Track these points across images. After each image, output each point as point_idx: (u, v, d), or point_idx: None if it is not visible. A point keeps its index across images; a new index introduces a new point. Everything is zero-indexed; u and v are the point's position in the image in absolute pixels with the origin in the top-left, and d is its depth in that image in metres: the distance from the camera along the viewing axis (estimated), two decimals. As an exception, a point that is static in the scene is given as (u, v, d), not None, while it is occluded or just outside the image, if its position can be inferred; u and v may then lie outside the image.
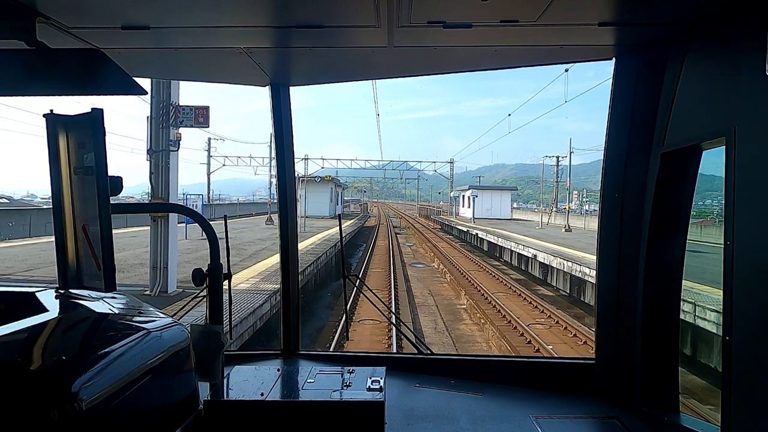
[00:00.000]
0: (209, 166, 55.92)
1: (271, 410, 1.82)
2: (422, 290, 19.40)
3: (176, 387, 1.66)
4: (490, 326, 13.52)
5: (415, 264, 27.14)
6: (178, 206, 3.20)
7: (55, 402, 1.10)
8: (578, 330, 12.75)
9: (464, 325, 14.47)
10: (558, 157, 57.77)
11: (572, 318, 14.32)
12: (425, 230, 52.87)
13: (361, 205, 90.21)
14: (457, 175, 63.36)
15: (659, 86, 2.14)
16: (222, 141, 54.69)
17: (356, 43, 2.20)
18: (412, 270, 24.90)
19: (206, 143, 55.36)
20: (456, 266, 24.99)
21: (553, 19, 1.87)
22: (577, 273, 17.13)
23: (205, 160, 55.58)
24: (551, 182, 62.66)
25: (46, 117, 1.69)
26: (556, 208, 59.06)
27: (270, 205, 30.58)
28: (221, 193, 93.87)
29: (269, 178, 36.25)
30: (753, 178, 1.56)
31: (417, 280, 21.64)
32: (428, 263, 27.78)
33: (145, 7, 1.81)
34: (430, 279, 22.25)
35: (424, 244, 37.23)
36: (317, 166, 55.84)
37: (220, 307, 2.10)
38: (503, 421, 2.22)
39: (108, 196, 1.57)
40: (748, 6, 1.60)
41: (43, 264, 13.43)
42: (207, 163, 55.99)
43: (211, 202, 51.88)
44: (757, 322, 1.53)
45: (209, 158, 56.03)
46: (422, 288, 19.85)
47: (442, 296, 18.46)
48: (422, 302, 17.32)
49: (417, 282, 21.21)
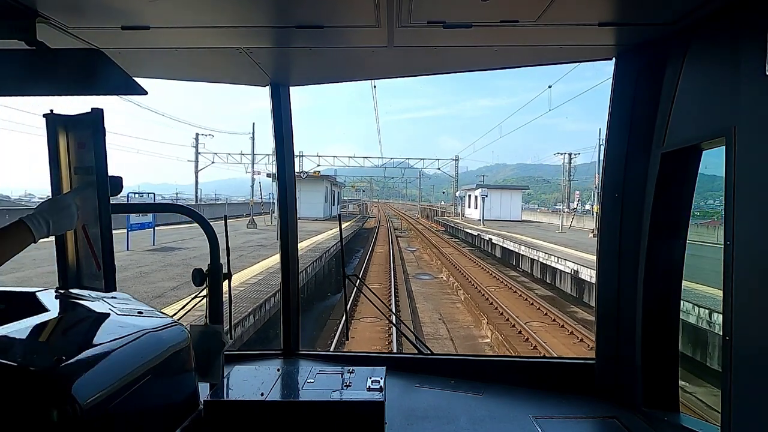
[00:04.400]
0: (197, 163, 52.63)
1: (271, 410, 1.80)
2: (431, 314, 15.40)
3: (176, 387, 1.65)
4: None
5: (419, 275, 23.08)
6: (177, 206, 2.80)
7: (54, 402, 1.10)
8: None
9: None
10: (570, 155, 53.89)
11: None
12: (428, 233, 48.59)
13: (359, 206, 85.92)
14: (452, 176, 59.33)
15: (659, 86, 2.13)
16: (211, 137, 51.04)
17: (356, 43, 2.20)
18: (416, 283, 20.87)
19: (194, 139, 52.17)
20: (469, 279, 20.94)
21: (553, 19, 1.86)
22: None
23: (193, 158, 52.49)
24: (554, 182, 58.58)
25: (46, 117, 1.68)
26: (567, 209, 55.25)
27: (252, 205, 26.67)
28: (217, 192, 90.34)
29: (251, 175, 32.52)
30: (753, 178, 1.55)
31: (423, 298, 17.63)
32: (435, 274, 23.73)
33: (145, 7, 1.80)
34: (439, 296, 18.22)
35: (429, 249, 33.03)
36: (313, 163, 52.31)
37: (220, 307, 2.09)
38: (503, 421, 2.23)
39: (108, 196, 1.58)
40: (748, 6, 1.60)
41: (27, 266, 11.57)
42: (195, 160, 52.75)
43: (199, 203, 48.84)
44: (757, 322, 1.53)
45: (197, 155, 52.63)
46: (430, 311, 15.84)
47: (457, 323, 14.48)
48: (432, 333, 13.33)
49: (424, 301, 17.20)
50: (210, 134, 51.23)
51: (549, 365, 2.85)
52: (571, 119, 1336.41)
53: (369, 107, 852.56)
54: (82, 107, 1.59)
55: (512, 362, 2.92)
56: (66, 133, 1.67)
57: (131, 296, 1.98)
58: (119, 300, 1.84)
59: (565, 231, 34.79)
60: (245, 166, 52.42)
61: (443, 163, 57.48)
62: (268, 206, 23.73)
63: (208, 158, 50.64)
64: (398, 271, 23.20)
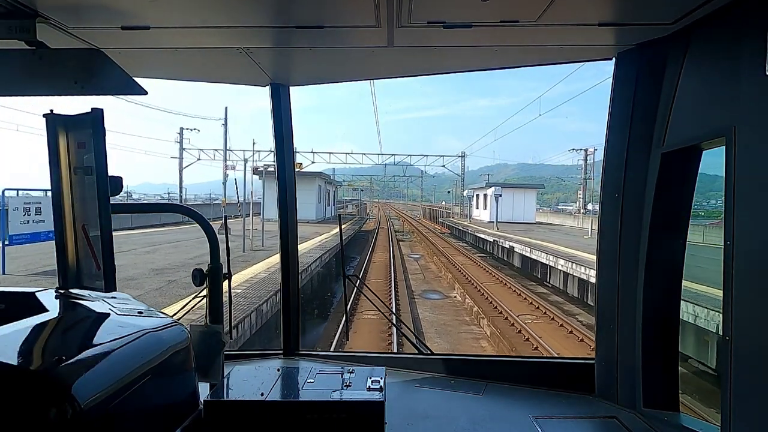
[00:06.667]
0: (181, 161, 48.49)
1: (271, 410, 1.79)
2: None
3: (176, 387, 1.65)
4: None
5: (427, 294, 18.62)
6: (177, 206, 2.76)
7: (54, 402, 1.10)
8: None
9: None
10: (586, 151, 49.32)
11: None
12: (433, 236, 44.10)
13: (357, 206, 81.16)
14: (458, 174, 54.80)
15: (659, 86, 2.13)
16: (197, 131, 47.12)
17: (356, 43, 2.20)
18: (423, 305, 16.42)
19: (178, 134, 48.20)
20: (490, 300, 16.55)
21: (553, 19, 1.86)
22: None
23: (177, 154, 48.60)
24: (555, 181, 54.61)
25: (46, 117, 1.69)
26: (584, 210, 50.67)
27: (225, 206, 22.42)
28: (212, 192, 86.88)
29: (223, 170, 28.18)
30: (753, 178, 1.56)
31: (435, 331, 13.20)
32: (446, 291, 19.30)
33: (145, 7, 1.81)
34: (455, 327, 13.73)
35: (435, 256, 28.50)
36: (308, 160, 48.07)
37: (220, 307, 2.08)
38: (503, 421, 2.23)
39: (108, 196, 1.58)
40: (748, 6, 1.60)
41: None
42: (179, 157, 48.55)
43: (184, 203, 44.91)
44: (757, 322, 1.53)
45: (181, 151, 48.34)
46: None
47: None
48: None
49: (436, 336, 12.74)
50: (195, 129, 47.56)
51: (549, 365, 2.84)
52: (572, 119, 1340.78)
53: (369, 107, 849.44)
54: (82, 107, 1.61)
55: (512, 362, 2.92)
56: (66, 133, 1.67)
57: (131, 296, 1.96)
58: (119, 300, 1.82)
59: (594, 237, 30.28)
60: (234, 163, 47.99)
61: (447, 160, 52.93)
62: (248, 207, 19.83)
63: (194, 155, 46.76)
64: (401, 287, 18.75)
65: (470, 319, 14.72)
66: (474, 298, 16.82)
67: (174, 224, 33.08)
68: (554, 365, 2.80)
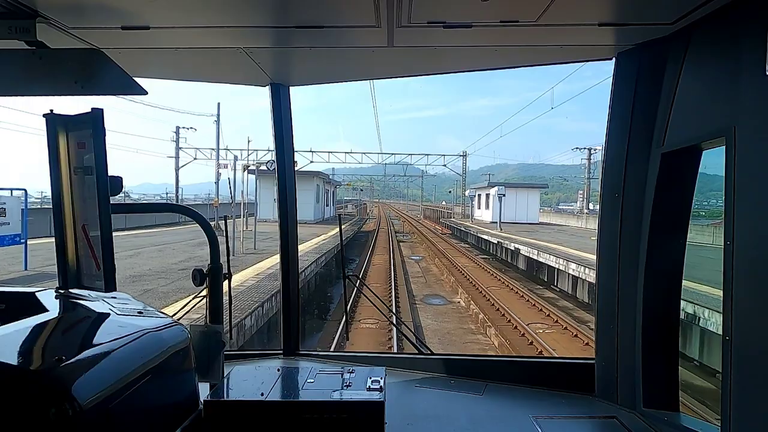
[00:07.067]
0: (177, 159, 47.71)
1: (271, 410, 1.79)
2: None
3: (176, 387, 1.65)
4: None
5: (429, 299, 17.74)
6: (177, 206, 2.87)
7: (54, 402, 1.10)
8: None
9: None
10: (590, 150, 48.53)
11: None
12: (434, 237, 43.22)
13: (356, 207, 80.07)
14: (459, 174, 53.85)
15: (659, 86, 2.13)
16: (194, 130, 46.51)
17: (356, 43, 2.20)
18: (425, 311, 15.53)
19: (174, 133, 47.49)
20: (496, 306, 15.68)
21: (553, 19, 1.86)
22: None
23: (173, 153, 47.98)
24: (558, 180, 54.41)
25: (46, 117, 1.69)
26: (587, 210, 49.81)
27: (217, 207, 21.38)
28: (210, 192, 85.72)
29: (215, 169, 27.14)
30: (753, 178, 1.55)
31: (439, 340, 12.34)
32: (449, 295, 18.43)
33: (145, 7, 1.81)
34: (459, 336, 12.83)
35: (437, 258, 27.62)
36: (306, 160, 47.17)
37: (220, 307, 2.07)
38: (503, 421, 2.23)
39: (108, 196, 1.58)
40: (748, 6, 1.60)
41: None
42: (175, 156, 47.76)
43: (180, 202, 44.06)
44: (757, 322, 1.52)
45: (177, 150, 47.52)
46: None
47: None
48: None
49: (439, 346, 11.89)
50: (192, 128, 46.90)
51: (549, 365, 2.84)
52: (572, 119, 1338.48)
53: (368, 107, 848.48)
54: (82, 107, 1.60)
55: (512, 362, 2.92)
56: (66, 133, 1.67)
57: (131, 296, 1.96)
58: (119, 300, 1.82)
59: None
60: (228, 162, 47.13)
61: (448, 159, 51.97)
62: (239, 208, 19.00)
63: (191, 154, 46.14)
64: (401, 291, 17.87)
65: (476, 327, 13.85)
66: (479, 303, 15.94)
67: (169, 225, 32.14)
68: (554, 365, 2.82)
